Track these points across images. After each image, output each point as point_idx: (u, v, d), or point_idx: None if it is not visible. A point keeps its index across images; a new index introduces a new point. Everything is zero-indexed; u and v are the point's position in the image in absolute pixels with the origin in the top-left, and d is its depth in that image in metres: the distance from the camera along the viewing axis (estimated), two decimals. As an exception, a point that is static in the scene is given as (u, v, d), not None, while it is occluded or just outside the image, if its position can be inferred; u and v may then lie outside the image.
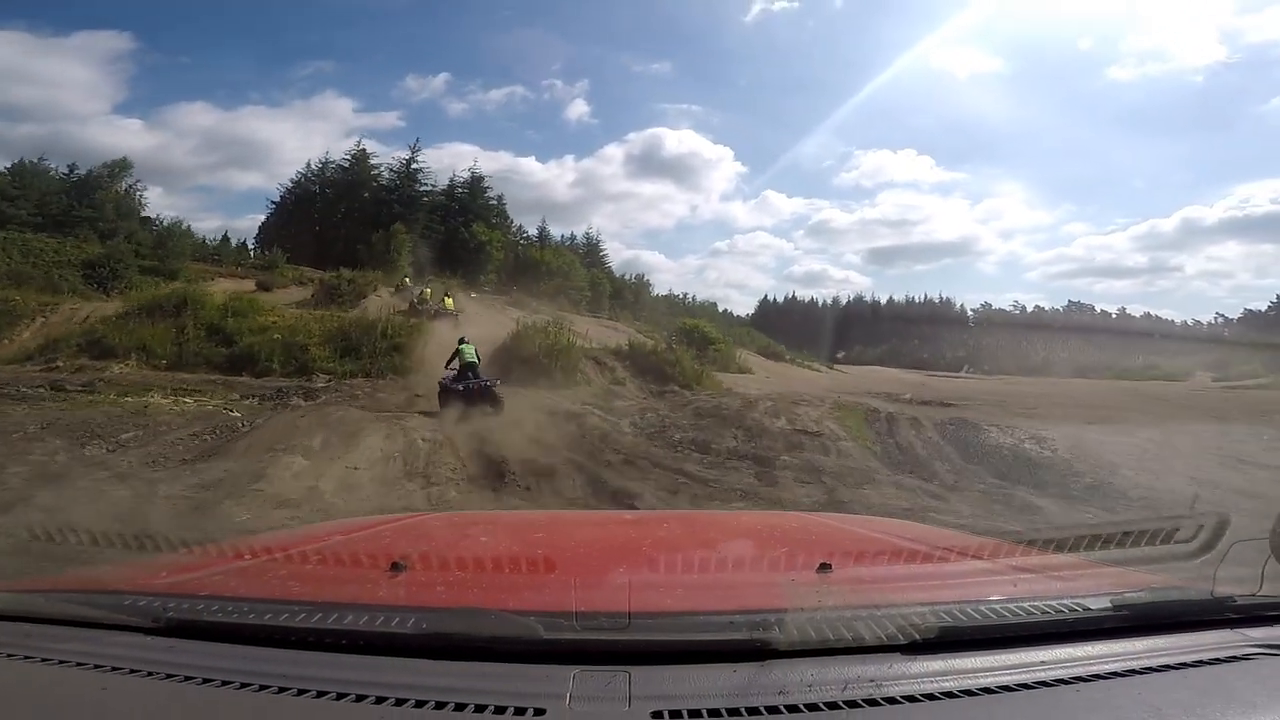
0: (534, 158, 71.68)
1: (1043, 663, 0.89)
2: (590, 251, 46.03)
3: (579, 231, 47.92)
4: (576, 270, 39.52)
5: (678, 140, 64.52)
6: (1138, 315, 56.97)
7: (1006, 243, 78.43)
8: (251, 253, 38.55)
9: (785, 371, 31.67)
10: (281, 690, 0.82)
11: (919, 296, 65.05)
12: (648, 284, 49.48)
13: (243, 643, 0.94)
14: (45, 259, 27.81)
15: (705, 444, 10.70)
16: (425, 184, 41.67)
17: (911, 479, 8.38)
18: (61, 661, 0.91)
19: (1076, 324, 54.06)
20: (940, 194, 75.07)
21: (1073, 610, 0.99)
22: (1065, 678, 0.86)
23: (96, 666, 0.89)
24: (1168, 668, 0.90)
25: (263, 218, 42.55)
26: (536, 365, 19.35)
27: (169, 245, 32.94)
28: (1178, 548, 1.40)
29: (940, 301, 64.30)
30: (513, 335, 21.03)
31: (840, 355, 45.66)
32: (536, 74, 68.61)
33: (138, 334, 18.27)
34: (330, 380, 17.35)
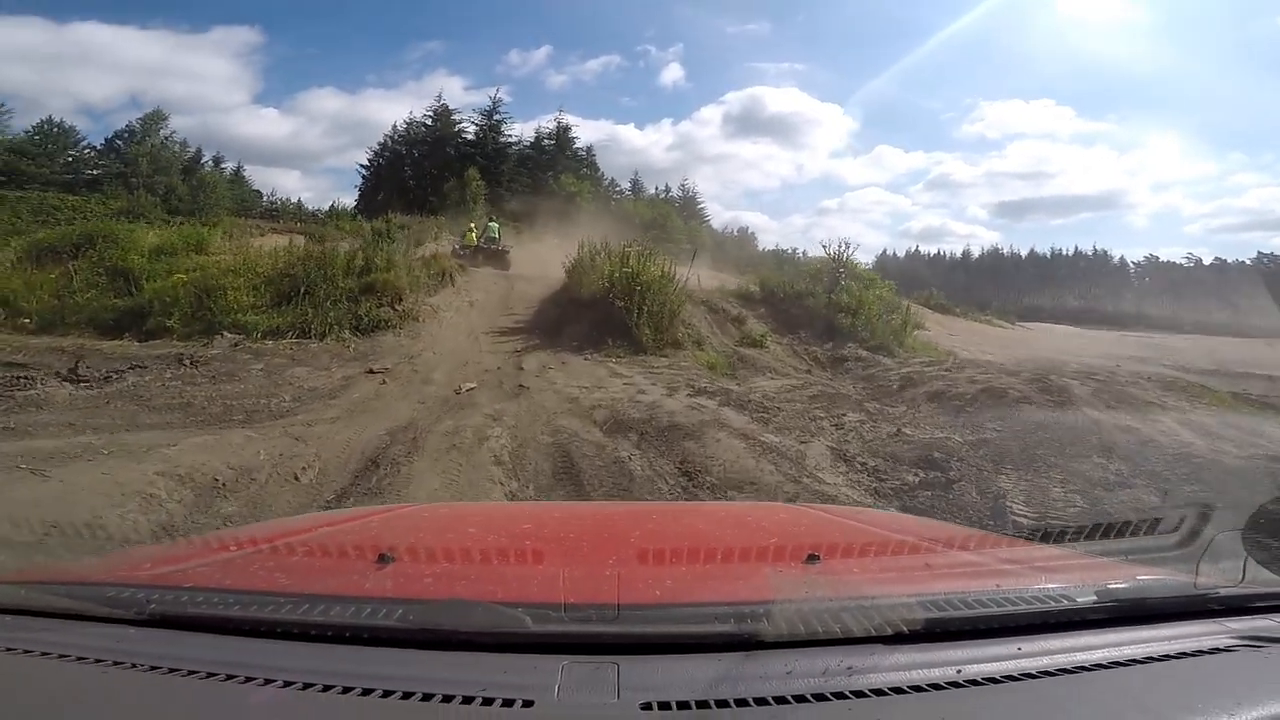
0: (632, 125, 71.72)
1: (1028, 654, 0.88)
2: (687, 205, 42.50)
3: (675, 183, 44.87)
4: (673, 221, 35.58)
5: (780, 99, 62.79)
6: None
7: (1160, 195, 73.74)
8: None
9: (971, 330, 25.63)
10: (267, 682, 0.80)
11: (1064, 249, 59.80)
12: (753, 237, 45.83)
13: (227, 634, 0.92)
14: (61, 216, 23.47)
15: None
16: (509, 136, 39.33)
17: None
18: (44, 653, 0.89)
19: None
20: (1081, 144, 69.49)
21: (1058, 602, 0.98)
22: (1050, 669, 0.85)
23: (79, 658, 0.87)
24: (1151, 660, 0.89)
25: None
26: (610, 316, 10.62)
27: (202, 197, 28.35)
28: (1161, 539, 1.43)
29: (1095, 254, 59.58)
30: (573, 266, 12.41)
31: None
32: (630, 41, 66.81)
33: (8, 283, 11.65)
34: (238, 341, 9.73)
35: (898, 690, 0.78)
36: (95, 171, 30.74)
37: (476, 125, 39.13)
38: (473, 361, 9.73)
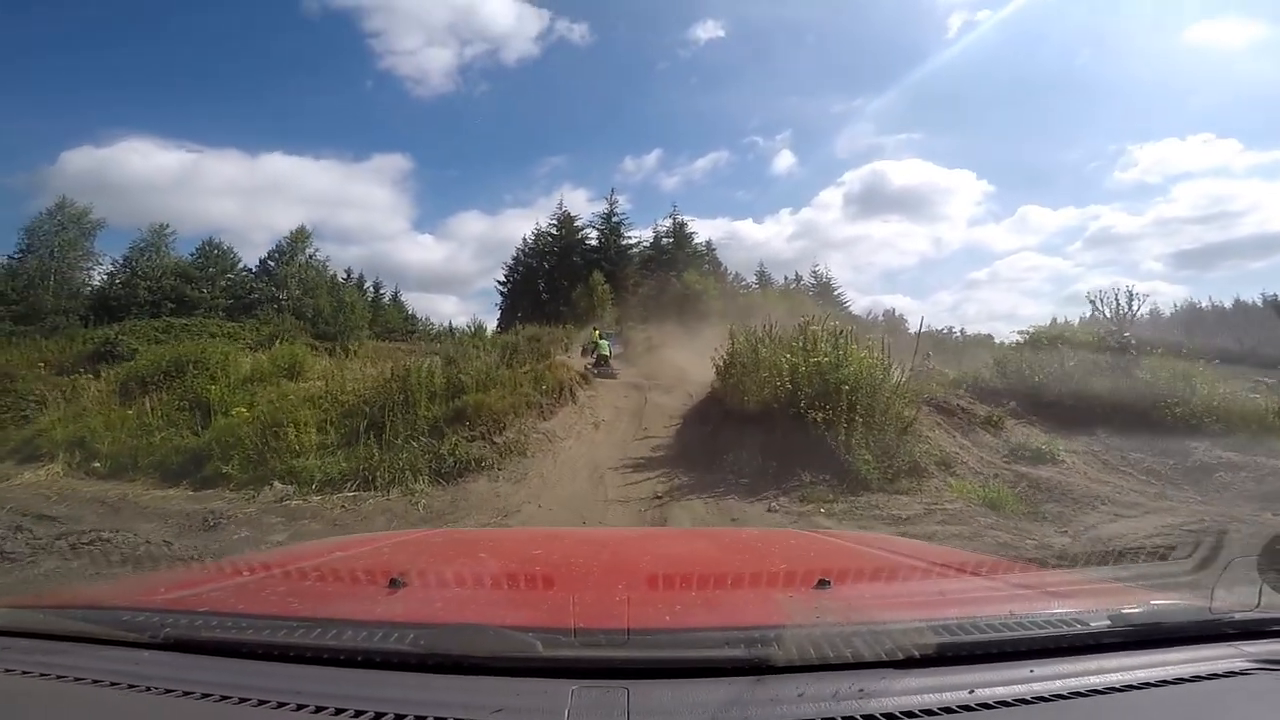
0: (750, 219, 68.74)
1: (1041, 678, 0.87)
2: (822, 291, 40.66)
3: (804, 272, 43.01)
4: (809, 310, 30.97)
5: (903, 171, 58.28)
6: None
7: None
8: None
9: None
10: (280, 705, 0.81)
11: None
12: (902, 319, 41.12)
13: (241, 658, 0.92)
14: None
15: None
16: (629, 237, 39.75)
17: None
18: (60, 677, 0.90)
19: None
20: (1262, 178, 56.33)
21: (1071, 626, 0.98)
22: (1064, 693, 0.84)
23: (95, 681, 0.88)
24: (1165, 683, 0.88)
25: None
26: (795, 435, 6.73)
27: (342, 318, 28.92)
28: (1176, 565, 1.43)
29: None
30: (726, 364, 8.85)
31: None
32: (736, 134, 64.39)
33: (86, 422, 10.28)
34: (285, 495, 7.03)
35: (910, 715, 0.77)
36: (253, 295, 31.84)
37: (598, 230, 39.81)
38: (595, 518, 6.23)
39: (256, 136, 59.88)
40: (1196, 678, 0.89)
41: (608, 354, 16.47)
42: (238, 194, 49.41)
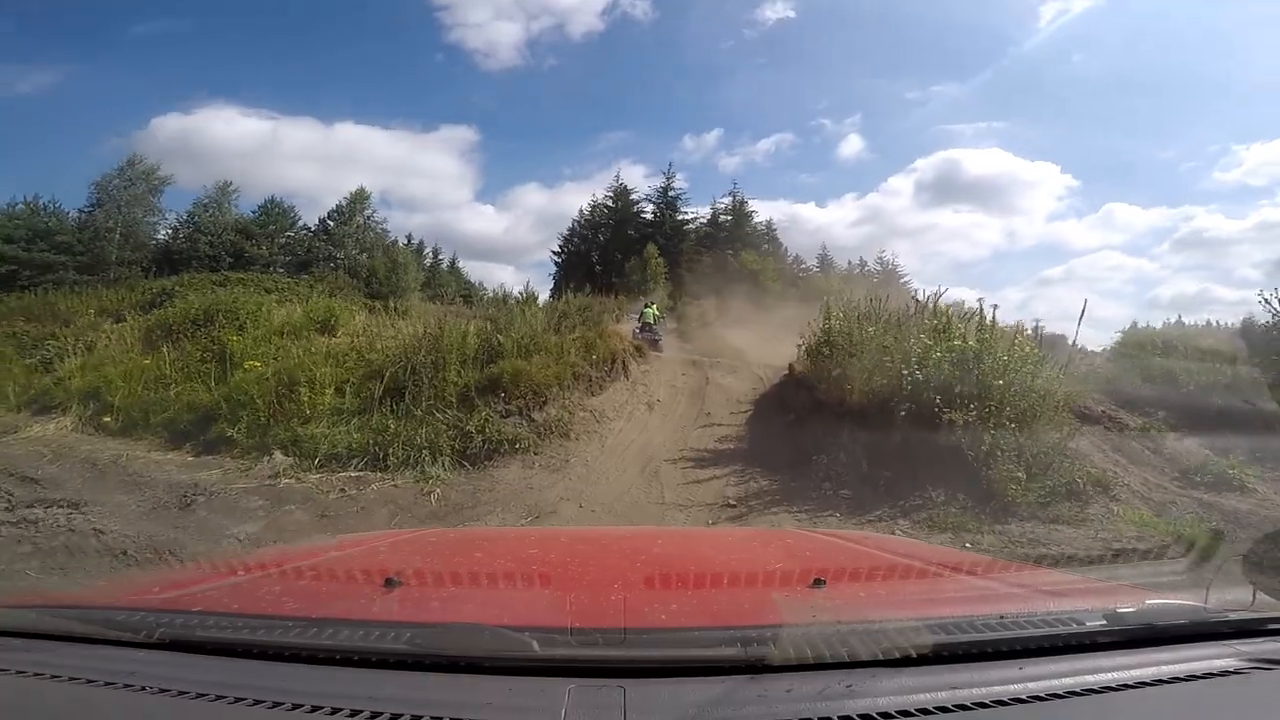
0: (812, 203, 64.57)
1: (1037, 678, 0.86)
2: (887, 277, 37.94)
3: (868, 258, 40.42)
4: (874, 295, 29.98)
5: (981, 161, 55.12)
6: None
7: None
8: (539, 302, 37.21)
9: None
10: (275, 705, 0.80)
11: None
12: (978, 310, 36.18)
13: (236, 657, 0.92)
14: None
15: None
16: (685, 212, 38.33)
17: None
18: (54, 676, 0.89)
19: None
20: None
21: (1066, 625, 0.97)
22: (1059, 692, 0.84)
23: (90, 681, 0.87)
24: (1161, 682, 0.88)
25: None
26: (917, 440, 5.01)
27: (395, 279, 28.64)
28: (1171, 565, 1.45)
29: None
30: (817, 344, 7.20)
31: None
32: (803, 116, 60.59)
33: (103, 371, 9.52)
34: (280, 469, 5.89)
35: (906, 714, 0.77)
36: (311, 253, 32.05)
37: (655, 203, 38.67)
38: (650, 525, 4.81)
39: (331, 106, 60.10)
40: (1192, 677, 0.88)
41: (652, 321, 15.46)
42: (313, 161, 49.43)
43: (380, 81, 55.04)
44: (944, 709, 0.78)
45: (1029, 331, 6.49)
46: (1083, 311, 7.66)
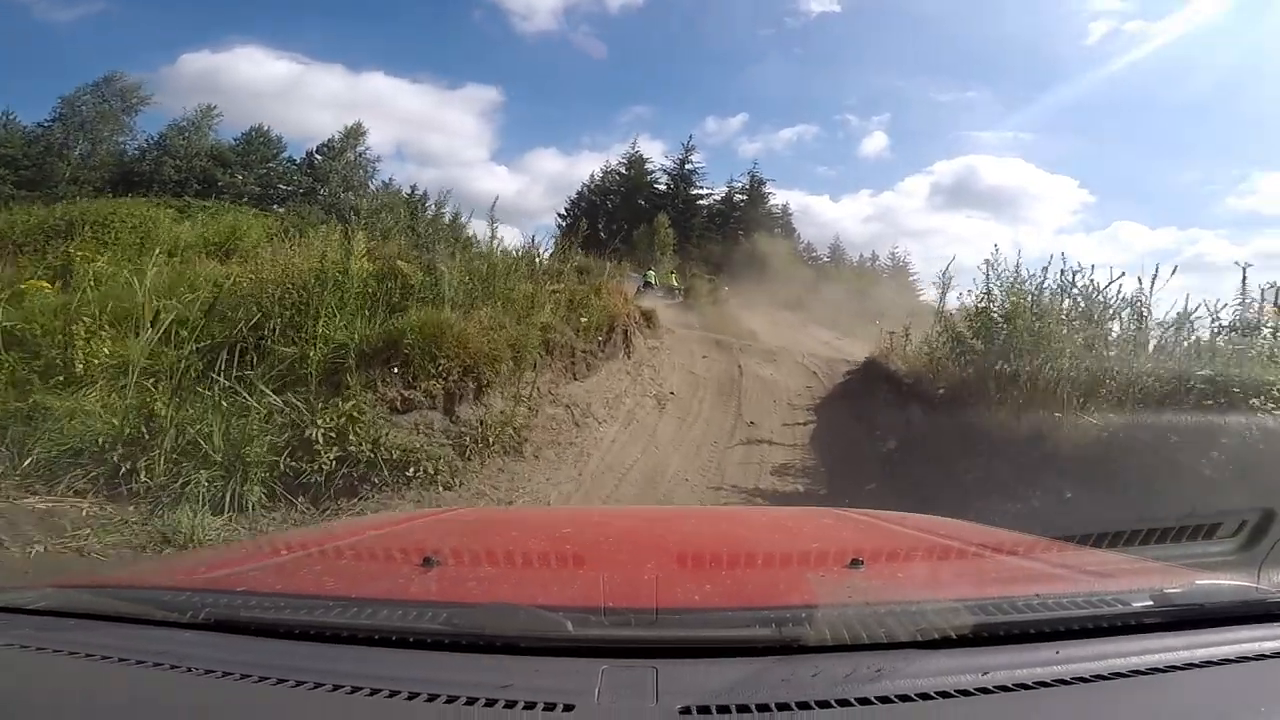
0: (826, 196, 66.06)
1: (1080, 659, 0.82)
2: (897, 274, 38.45)
3: (880, 253, 41.31)
4: (882, 290, 32.56)
5: (1000, 169, 55.96)
6: None
7: None
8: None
9: None
10: (316, 685, 0.79)
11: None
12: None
13: (278, 638, 0.92)
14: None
15: None
16: (701, 187, 37.88)
17: None
18: (104, 657, 0.88)
19: None
20: None
21: (1111, 606, 0.92)
22: (1104, 674, 0.79)
23: (138, 662, 0.86)
24: (1211, 664, 0.83)
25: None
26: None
27: (383, 218, 26.47)
28: (1221, 544, 1.36)
29: None
30: (971, 328, 4.09)
31: None
32: (830, 110, 61.75)
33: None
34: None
35: (945, 695, 0.75)
36: (288, 187, 29.75)
37: (669, 174, 37.90)
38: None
39: (362, 55, 58.78)
40: (1242, 659, 0.84)
41: (652, 283, 14.13)
42: (337, 107, 48.01)
43: (415, 34, 52.88)
44: (985, 690, 0.75)
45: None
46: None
